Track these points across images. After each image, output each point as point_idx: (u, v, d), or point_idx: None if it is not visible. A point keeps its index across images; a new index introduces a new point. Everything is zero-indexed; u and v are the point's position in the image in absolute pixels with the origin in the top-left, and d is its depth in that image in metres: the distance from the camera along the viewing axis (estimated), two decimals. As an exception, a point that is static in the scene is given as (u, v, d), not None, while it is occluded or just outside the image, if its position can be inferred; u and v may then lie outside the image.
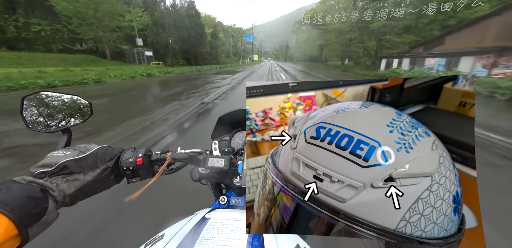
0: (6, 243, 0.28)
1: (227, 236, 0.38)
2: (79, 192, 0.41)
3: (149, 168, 0.53)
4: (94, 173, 0.44)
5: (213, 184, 0.67)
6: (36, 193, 0.33)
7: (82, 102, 0.53)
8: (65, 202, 0.39)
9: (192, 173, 0.61)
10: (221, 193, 0.67)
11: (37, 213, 0.32)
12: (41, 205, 0.33)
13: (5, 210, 0.28)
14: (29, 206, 0.31)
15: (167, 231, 0.41)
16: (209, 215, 0.46)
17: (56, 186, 0.37)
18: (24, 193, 0.31)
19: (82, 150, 0.45)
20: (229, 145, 0.67)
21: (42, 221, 0.33)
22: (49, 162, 0.40)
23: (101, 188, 0.47)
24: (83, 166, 0.43)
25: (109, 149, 0.50)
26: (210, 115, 4.43)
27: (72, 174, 0.41)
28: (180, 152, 0.56)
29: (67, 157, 0.41)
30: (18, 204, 0.30)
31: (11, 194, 0.30)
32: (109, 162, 0.47)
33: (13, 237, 0.28)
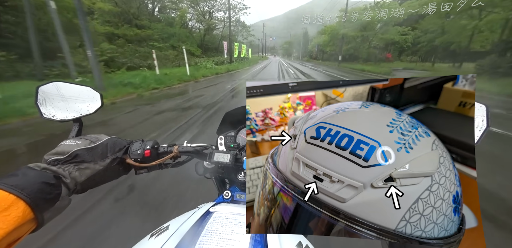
0: (23, 226, 0.29)
1: (231, 230, 0.39)
2: (90, 180, 0.42)
3: (156, 160, 0.55)
4: (104, 162, 0.45)
5: (218, 178, 0.68)
6: (50, 180, 0.34)
7: (94, 94, 0.55)
8: (77, 190, 0.41)
9: (197, 167, 0.61)
10: (225, 188, 0.68)
11: (51, 199, 0.33)
12: (54, 191, 0.34)
13: (23, 195, 0.29)
14: (44, 192, 0.32)
15: (172, 222, 0.42)
16: (213, 209, 0.46)
17: (68, 173, 0.39)
18: (39, 179, 0.32)
19: (92, 140, 0.46)
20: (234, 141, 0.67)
21: (55, 207, 0.34)
22: (62, 150, 0.41)
23: (111, 177, 0.48)
24: (94, 155, 0.44)
25: (119, 140, 0.51)
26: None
27: (84, 162, 0.42)
28: (186, 146, 0.57)
29: (79, 146, 0.43)
30: (34, 189, 0.31)
31: (27, 180, 0.31)
32: (118, 152, 0.48)
33: (29, 221, 0.30)
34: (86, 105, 0.53)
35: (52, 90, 0.50)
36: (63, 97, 0.51)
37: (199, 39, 23.99)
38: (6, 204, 0.27)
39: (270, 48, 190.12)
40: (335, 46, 33.16)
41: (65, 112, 0.51)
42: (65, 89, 0.51)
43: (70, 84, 0.52)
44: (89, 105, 0.54)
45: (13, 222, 0.27)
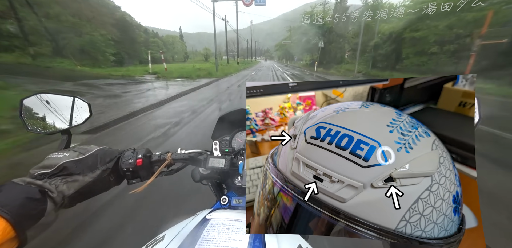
0: (3, 246, 0.27)
1: (228, 237, 0.38)
2: (78, 193, 0.41)
3: (149, 168, 0.53)
4: (93, 174, 0.43)
5: (214, 184, 0.67)
6: (35, 195, 0.32)
7: (81, 104, 0.53)
8: (64, 204, 0.39)
9: (193, 173, 0.60)
10: (222, 193, 0.67)
11: (35, 215, 0.32)
12: (39, 206, 0.32)
13: (3, 212, 0.28)
14: (27, 207, 0.31)
15: (168, 232, 0.41)
16: (210, 216, 0.46)
17: (55, 187, 0.37)
18: (22, 194, 0.31)
19: (81, 151, 0.45)
20: (230, 145, 0.67)
21: (40, 223, 0.33)
22: (49, 164, 0.39)
23: (101, 189, 0.46)
24: (83, 167, 0.42)
25: (109, 150, 0.49)
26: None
27: (72, 175, 0.40)
28: (180, 153, 0.56)
29: (66, 158, 0.41)
30: (16, 205, 0.29)
31: (9, 196, 0.30)
32: (109, 163, 0.47)
33: (10, 239, 0.28)
34: (74, 116, 0.52)
35: (37, 102, 0.48)
36: (48, 108, 0.49)
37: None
38: None
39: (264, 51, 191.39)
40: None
41: (51, 124, 0.49)
42: (51, 100, 0.49)
43: (56, 95, 0.50)
44: (77, 116, 0.52)
45: None
